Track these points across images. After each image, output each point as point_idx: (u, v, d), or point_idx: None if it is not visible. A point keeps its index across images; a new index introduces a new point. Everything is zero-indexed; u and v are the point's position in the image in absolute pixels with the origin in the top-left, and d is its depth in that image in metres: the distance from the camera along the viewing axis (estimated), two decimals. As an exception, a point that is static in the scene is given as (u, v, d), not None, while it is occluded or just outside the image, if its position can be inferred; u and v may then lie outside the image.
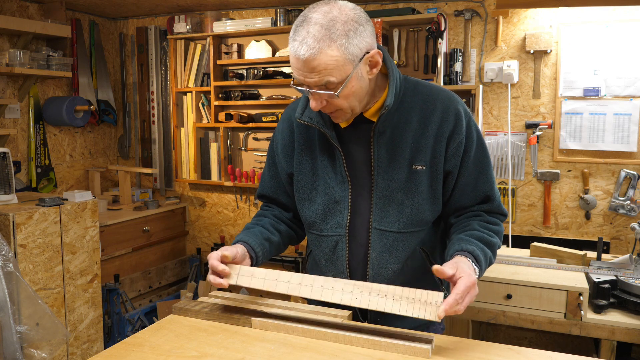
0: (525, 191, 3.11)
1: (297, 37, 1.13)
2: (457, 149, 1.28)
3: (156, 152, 4.05)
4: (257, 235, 1.35)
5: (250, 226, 1.41)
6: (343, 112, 1.22)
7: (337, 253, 1.34)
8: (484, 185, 1.31)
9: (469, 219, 1.31)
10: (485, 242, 1.23)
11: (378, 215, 1.29)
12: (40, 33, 3.21)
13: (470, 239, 1.22)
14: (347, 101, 1.19)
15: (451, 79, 3.08)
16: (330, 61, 1.11)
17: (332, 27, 1.10)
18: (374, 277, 1.31)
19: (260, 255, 1.33)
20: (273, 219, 1.45)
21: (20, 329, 2.23)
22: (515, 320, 2.18)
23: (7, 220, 2.39)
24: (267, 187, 1.49)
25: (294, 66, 1.16)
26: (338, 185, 1.32)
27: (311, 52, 1.10)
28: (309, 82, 1.15)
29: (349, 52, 1.12)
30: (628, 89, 2.82)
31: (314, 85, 1.15)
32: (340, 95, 1.16)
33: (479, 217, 1.31)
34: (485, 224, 1.29)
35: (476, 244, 1.21)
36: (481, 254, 1.20)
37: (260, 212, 1.50)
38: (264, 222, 1.43)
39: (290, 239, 1.49)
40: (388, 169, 1.28)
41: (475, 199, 1.31)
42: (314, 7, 1.15)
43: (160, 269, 3.73)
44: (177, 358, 1.06)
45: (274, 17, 3.47)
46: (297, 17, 1.16)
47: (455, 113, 1.28)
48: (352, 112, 1.24)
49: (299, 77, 1.16)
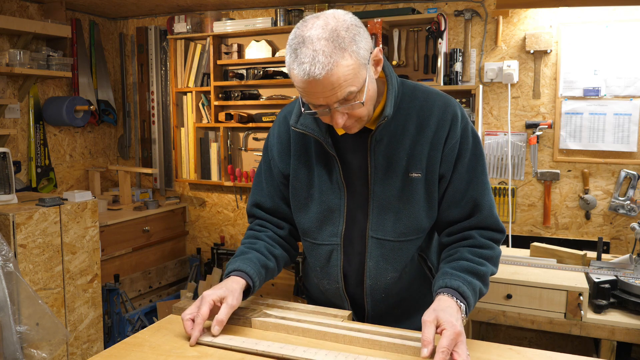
0: (525, 191, 3.11)
1: (304, 59, 1.05)
2: (450, 152, 1.24)
3: (156, 152, 4.05)
4: (254, 263, 1.27)
5: (246, 250, 1.32)
6: (362, 120, 1.18)
7: (332, 262, 1.32)
8: (473, 192, 1.25)
9: (459, 247, 1.25)
10: (474, 273, 1.17)
11: (375, 224, 1.27)
12: (40, 33, 3.21)
13: (456, 272, 1.16)
14: (366, 107, 1.15)
15: (451, 79, 3.07)
16: (347, 71, 1.06)
17: (337, 37, 1.06)
18: (371, 286, 1.30)
19: (257, 285, 1.26)
20: (268, 241, 1.37)
21: (20, 329, 2.23)
22: (515, 320, 2.18)
23: (7, 220, 2.39)
24: (265, 195, 1.41)
25: (305, 91, 1.09)
26: (334, 194, 1.29)
27: (327, 68, 1.04)
28: (331, 100, 1.09)
29: (360, 56, 1.08)
30: (628, 89, 2.82)
31: (336, 102, 1.10)
32: (364, 102, 1.12)
33: (470, 241, 1.24)
34: (476, 250, 1.22)
35: (462, 277, 1.15)
36: (468, 288, 1.14)
37: (253, 234, 1.39)
38: (259, 246, 1.34)
39: (285, 263, 1.41)
40: (385, 177, 1.25)
41: (465, 206, 1.25)
42: (306, 26, 1.08)
43: (160, 269, 3.73)
44: (177, 358, 1.06)
45: (274, 17, 3.47)
46: (290, 41, 1.09)
47: (451, 118, 1.24)
48: (368, 118, 1.20)
49: (316, 101, 1.10)
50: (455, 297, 1.11)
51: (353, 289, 1.33)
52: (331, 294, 1.36)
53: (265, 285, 3.57)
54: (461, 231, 1.27)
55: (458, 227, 1.28)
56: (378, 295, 1.31)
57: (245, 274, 1.24)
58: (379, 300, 1.31)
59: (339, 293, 1.34)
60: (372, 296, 1.31)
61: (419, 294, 1.35)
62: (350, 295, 1.34)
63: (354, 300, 1.34)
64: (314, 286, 1.43)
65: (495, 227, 1.26)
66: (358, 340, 1.10)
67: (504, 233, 1.28)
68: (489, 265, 1.22)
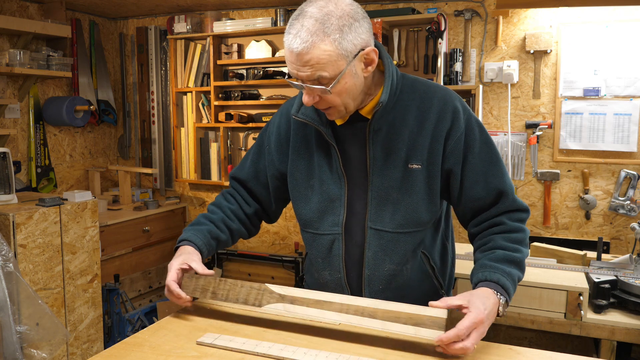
0: (525, 191, 3.11)
1: (291, 30, 1.12)
2: (456, 146, 1.24)
3: (156, 152, 4.05)
4: (204, 235, 1.36)
5: (202, 221, 1.40)
6: (336, 109, 1.21)
7: (334, 252, 1.33)
8: (494, 180, 1.25)
9: (491, 234, 1.25)
10: (512, 262, 1.18)
11: (373, 215, 1.28)
12: (40, 33, 3.21)
13: (494, 264, 1.16)
14: (340, 98, 1.18)
15: (451, 79, 3.08)
16: (323, 55, 1.10)
17: (326, 21, 1.10)
18: (369, 276, 1.31)
19: (205, 253, 1.35)
20: (228, 213, 1.44)
21: (20, 329, 2.23)
22: (515, 320, 2.18)
23: (7, 220, 2.39)
24: (244, 172, 1.47)
25: (287, 59, 1.16)
26: (334, 184, 1.30)
27: (304, 45, 1.10)
28: (302, 75, 1.14)
29: (342, 47, 1.11)
30: (628, 89, 2.82)
31: (306, 80, 1.14)
32: (333, 91, 1.15)
33: (501, 227, 1.24)
34: (509, 235, 1.22)
35: (501, 269, 1.15)
36: (508, 280, 1.14)
37: (218, 202, 1.47)
38: (216, 217, 1.41)
39: (240, 236, 1.48)
40: (383, 168, 1.26)
41: (488, 196, 1.25)
42: (310, 1, 1.14)
43: (160, 269, 3.73)
44: (177, 358, 1.06)
45: (274, 17, 3.47)
46: (295, 11, 1.16)
47: (452, 110, 1.25)
48: (346, 110, 1.22)
49: (292, 71, 1.16)
50: (496, 290, 1.12)
51: (353, 279, 1.33)
52: (332, 286, 1.36)
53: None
54: (490, 218, 1.27)
55: (486, 215, 1.28)
56: (376, 286, 1.31)
57: (193, 244, 1.33)
58: (376, 291, 1.31)
59: (340, 283, 1.34)
60: (370, 287, 1.31)
61: (420, 292, 1.34)
62: (351, 285, 1.34)
63: (353, 291, 1.35)
64: (314, 281, 1.43)
65: (522, 208, 1.28)
66: (377, 312, 1.08)
67: (529, 211, 1.30)
68: (523, 249, 1.23)
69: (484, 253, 1.22)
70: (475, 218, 1.30)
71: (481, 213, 1.28)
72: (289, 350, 1.07)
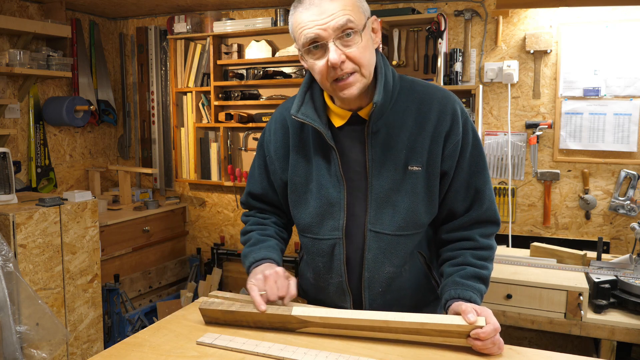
0: (525, 191, 3.11)
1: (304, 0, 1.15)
2: (454, 149, 1.24)
3: (156, 152, 4.05)
4: (277, 250, 1.37)
5: (263, 239, 1.39)
6: (359, 74, 1.17)
7: (335, 256, 1.32)
8: (475, 181, 1.27)
9: (461, 248, 1.28)
10: (480, 278, 1.22)
11: (373, 217, 1.27)
12: (40, 33, 3.21)
13: (465, 282, 1.20)
14: (364, 56, 1.16)
15: (451, 79, 3.08)
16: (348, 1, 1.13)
17: None
18: (369, 279, 1.30)
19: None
20: (276, 227, 1.46)
21: (20, 329, 2.23)
22: (515, 320, 2.19)
23: (7, 220, 2.39)
24: (257, 186, 1.45)
25: (304, 26, 1.14)
26: (333, 187, 1.28)
27: None
28: (330, 26, 1.12)
29: (363, 6, 1.17)
30: (628, 89, 2.82)
31: (334, 30, 1.12)
32: (360, 46, 1.14)
33: (471, 243, 1.27)
34: (478, 253, 1.26)
35: (472, 286, 1.20)
36: (478, 297, 1.20)
37: (258, 220, 1.46)
38: (271, 232, 1.42)
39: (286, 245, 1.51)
40: (383, 170, 1.25)
41: (467, 196, 1.27)
42: None
43: (160, 269, 3.73)
44: (177, 358, 1.06)
45: (274, 17, 3.47)
46: None
47: (452, 112, 1.24)
48: (365, 79, 1.19)
49: (311, 32, 1.13)
50: None
51: (353, 282, 1.33)
52: (333, 290, 1.35)
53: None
54: (461, 229, 1.29)
55: (459, 223, 1.29)
56: (375, 289, 1.31)
57: (275, 262, 1.32)
58: (376, 294, 1.31)
59: (341, 287, 1.33)
60: (370, 289, 1.31)
61: (418, 292, 1.34)
62: (351, 288, 1.34)
63: (354, 294, 1.34)
64: (312, 286, 1.43)
65: (494, 220, 1.30)
66: (395, 320, 1.10)
67: (500, 224, 1.33)
68: (489, 266, 1.27)
69: (454, 268, 1.25)
70: (448, 223, 1.31)
71: (455, 218, 1.30)
72: (289, 350, 1.07)
